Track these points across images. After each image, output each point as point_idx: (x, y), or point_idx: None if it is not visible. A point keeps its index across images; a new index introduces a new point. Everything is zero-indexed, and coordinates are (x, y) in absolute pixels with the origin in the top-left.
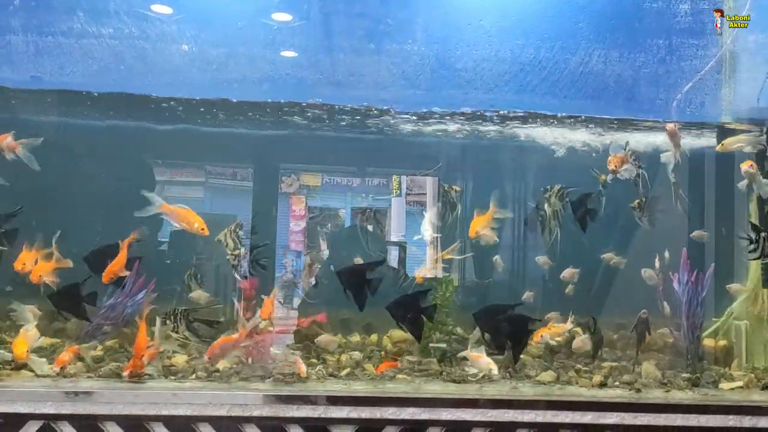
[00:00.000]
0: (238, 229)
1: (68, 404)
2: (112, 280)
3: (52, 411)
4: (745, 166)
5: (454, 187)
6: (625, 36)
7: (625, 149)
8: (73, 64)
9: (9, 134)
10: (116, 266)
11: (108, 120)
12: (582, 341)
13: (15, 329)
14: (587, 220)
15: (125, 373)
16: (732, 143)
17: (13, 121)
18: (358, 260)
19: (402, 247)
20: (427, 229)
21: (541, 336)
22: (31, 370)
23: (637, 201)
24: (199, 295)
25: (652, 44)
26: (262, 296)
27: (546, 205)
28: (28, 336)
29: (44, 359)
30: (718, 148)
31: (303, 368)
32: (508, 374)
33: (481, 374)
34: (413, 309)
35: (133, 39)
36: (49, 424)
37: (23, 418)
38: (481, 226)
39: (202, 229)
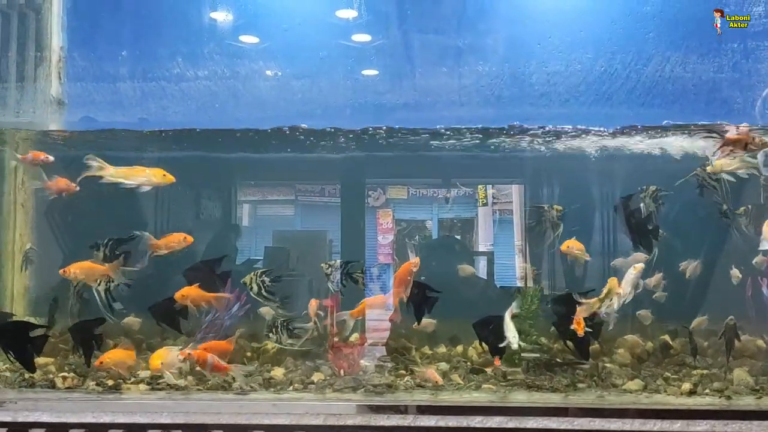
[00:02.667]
0: (263, 276)
1: (181, 414)
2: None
3: (167, 421)
4: None
5: (555, 206)
6: (699, 42)
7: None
8: (174, 105)
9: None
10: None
11: (205, 152)
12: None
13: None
14: (633, 223)
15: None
16: (724, 166)
17: (125, 158)
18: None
19: (490, 257)
20: None
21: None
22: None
23: (743, 208)
24: (266, 310)
25: (727, 48)
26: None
27: (641, 206)
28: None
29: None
30: (709, 169)
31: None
32: (593, 383)
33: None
34: (497, 331)
35: (225, 78)
36: None
37: (143, 428)
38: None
39: None
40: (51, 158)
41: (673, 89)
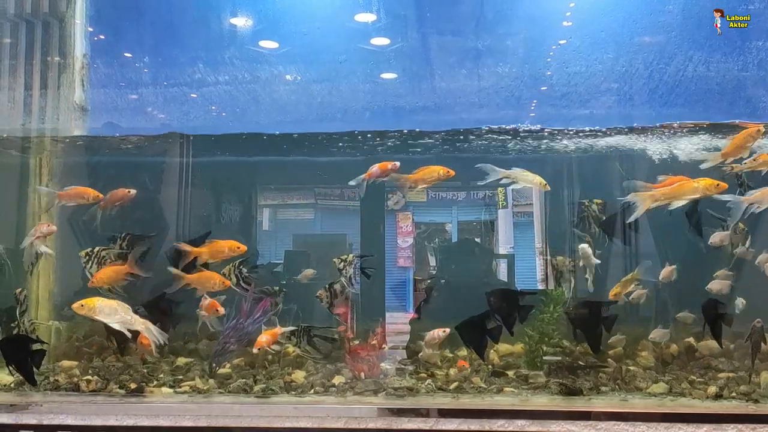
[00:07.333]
0: (241, 266)
1: (203, 417)
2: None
3: (190, 423)
4: None
5: (596, 200)
6: (722, 41)
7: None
8: (196, 110)
9: None
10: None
11: (225, 156)
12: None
13: None
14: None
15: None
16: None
17: (146, 162)
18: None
19: (510, 259)
20: None
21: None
22: None
23: None
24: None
25: (752, 47)
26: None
27: None
28: None
29: None
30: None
31: None
32: (617, 386)
33: None
34: (478, 330)
35: (245, 83)
36: None
37: (166, 431)
38: None
39: None
40: (398, 164)
41: (696, 88)
